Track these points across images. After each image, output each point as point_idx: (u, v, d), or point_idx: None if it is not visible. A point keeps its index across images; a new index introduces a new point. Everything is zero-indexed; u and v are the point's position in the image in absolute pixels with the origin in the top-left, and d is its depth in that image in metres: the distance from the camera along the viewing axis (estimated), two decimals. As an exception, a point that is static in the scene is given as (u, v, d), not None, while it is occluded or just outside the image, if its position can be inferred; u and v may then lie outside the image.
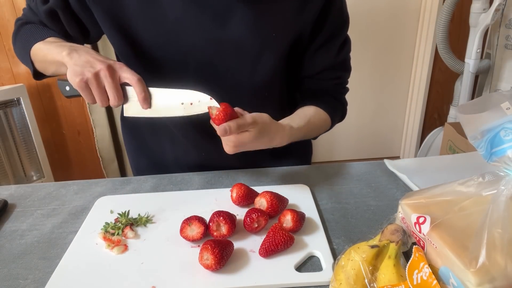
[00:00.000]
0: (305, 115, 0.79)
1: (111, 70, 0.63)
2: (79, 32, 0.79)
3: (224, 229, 0.59)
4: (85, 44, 0.82)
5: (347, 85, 0.90)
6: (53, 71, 0.73)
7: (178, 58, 0.76)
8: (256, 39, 0.74)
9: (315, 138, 0.89)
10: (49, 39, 0.74)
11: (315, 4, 0.75)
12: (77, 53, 0.65)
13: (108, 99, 0.64)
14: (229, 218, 0.60)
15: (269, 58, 0.77)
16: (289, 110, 0.84)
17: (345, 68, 0.87)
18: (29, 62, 0.76)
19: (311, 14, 0.75)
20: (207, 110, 0.64)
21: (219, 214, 0.60)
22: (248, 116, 0.64)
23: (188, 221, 0.60)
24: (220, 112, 0.61)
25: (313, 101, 0.84)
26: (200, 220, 0.60)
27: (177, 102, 0.67)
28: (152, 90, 0.66)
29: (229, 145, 0.64)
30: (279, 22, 0.74)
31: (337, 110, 0.87)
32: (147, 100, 0.65)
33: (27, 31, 0.78)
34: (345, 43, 0.84)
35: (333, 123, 0.87)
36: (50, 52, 0.70)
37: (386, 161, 0.82)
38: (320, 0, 0.75)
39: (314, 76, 0.85)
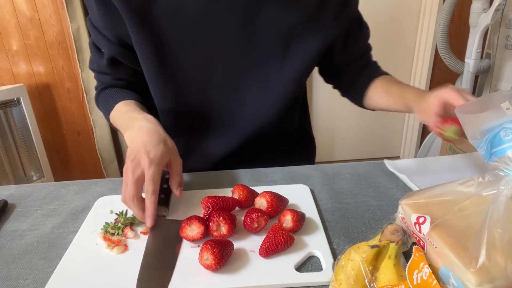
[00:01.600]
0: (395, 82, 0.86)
1: (137, 186, 0.61)
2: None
3: (224, 229, 0.59)
4: None
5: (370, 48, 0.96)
6: None
7: (203, 64, 0.77)
8: (282, 31, 0.75)
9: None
10: (118, 106, 0.78)
11: (333, 1, 0.77)
12: (130, 140, 0.66)
13: None
14: (229, 218, 0.60)
15: (297, 54, 0.77)
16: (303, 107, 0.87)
17: (369, 47, 0.95)
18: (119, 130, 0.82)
19: (331, 12, 0.77)
20: None
21: (219, 214, 0.60)
22: None
23: (188, 221, 0.60)
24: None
25: (371, 74, 0.90)
26: (200, 220, 0.60)
27: None
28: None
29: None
30: (304, 15, 0.75)
31: (379, 68, 0.95)
32: (148, 220, 0.62)
33: (102, 99, 0.84)
34: (362, 27, 0.89)
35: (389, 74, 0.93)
36: (119, 126, 0.76)
37: (386, 162, 0.82)
38: None
39: (349, 64, 0.89)
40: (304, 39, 0.77)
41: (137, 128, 0.67)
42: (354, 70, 0.90)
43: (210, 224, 0.59)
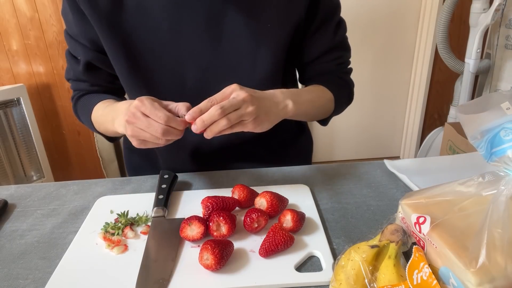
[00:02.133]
0: (303, 88, 0.81)
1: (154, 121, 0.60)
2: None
3: (224, 229, 0.59)
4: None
5: (350, 66, 0.90)
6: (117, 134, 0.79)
7: (176, 67, 0.77)
8: (251, 33, 0.75)
9: (324, 121, 0.89)
10: (96, 107, 0.79)
11: None
12: (121, 123, 0.64)
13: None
14: (229, 218, 0.60)
15: (268, 51, 0.77)
16: None
17: (344, 48, 0.87)
18: (102, 135, 0.85)
19: (302, 1, 0.76)
20: None
21: (219, 214, 0.60)
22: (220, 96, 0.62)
23: (188, 221, 0.60)
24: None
25: (316, 82, 0.85)
26: (200, 220, 0.60)
27: None
28: None
29: (218, 118, 0.59)
30: (271, 13, 0.75)
31: (341, 88, 0.87)
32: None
33: (80, 107, 0.84)
34: (340, 24, 0.84)
35: (338, 101, 0.85)
36: (104, 123, 0.76)
37: (386, 162, 0.82)
38: None
39: (314, 61, 0.85)
40: (274, 37, 0.77)
41: (121, 111, 0.65)
42: (320, 66, 0.86)
43: (210, 224, 0.59)
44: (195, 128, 0.59)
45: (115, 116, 0.69)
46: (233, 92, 0.62)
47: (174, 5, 0.72)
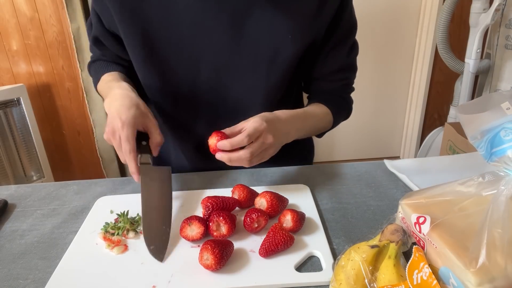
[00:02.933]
0: (302, 109, 0.82)
1: (114, 135, 0.66)
2: (126, 53, 0.83)
3: (224, 229, 0.59)
4: None
5: (353, 85, 0.93)
6: None
7: (192, 62, 0.77)
8: (272, 39, 0.75)
9: (320, 135, 0.91)
10: (104, 77, 0.82)
11: (331, 8, 0.76)
12: (107, 108, 0.69)
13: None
14: (229, 218, 0.60)
15: (284, 59, 0.77)
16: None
17: (353, 70, 0.89)
18: None
19: (327, 18, 0.77)
20: None
21: (219, 214, 0.60)
22: (238, 132, 0.66)
23: (188, 221, 0.60)
24: (214, 140, 0.65)
25: (319, 100, 0.87)
26: (200, 220, 0.60)
27: None
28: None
29: (244, 161, 0.65)
30: (296, 24, 0.75)
31: (341, 107, 0.90)
32: (134, 176, 0.67)
33: (92, 72, 0.88)
34: (354, 46, 0.86)
35: (336, 119, 0.88)
36: (103, 97, 0.78)
37: (386, 162, 0.82)
38: (335, 4, 0.76)
39: (324, 78, 0.87)
40: (293, 48, 0.76)
41: (111, 95, 0.70)
42: (327, 85, 0.88)
43: (210, 224, 0.59)
44: (219, 156, 0.66)
45: (107, 96, 0.72)
46: (262, 134, 0.66)
47: (200, 5, 0.72)
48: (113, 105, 0.67)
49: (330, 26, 0.78)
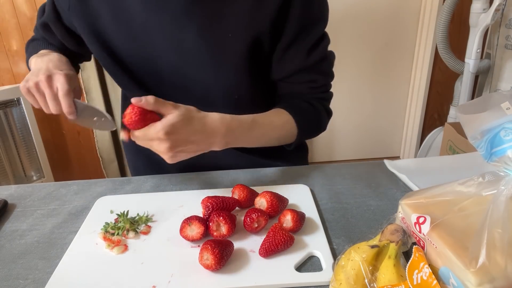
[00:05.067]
0: (251, 115, 0.72)
1: (49, 81, 0.67)
2: (75, 44, 0.84)
3: (224, 229, 0.59)
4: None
5: (328, 91, 0.83)
6: None
7: (150, 65, 0.78)
8: (212, 40, 0.73)
9: (288, 146, 0.82)
10: (42, 51, 0.81)
11: (270, 2, 0.70)
12: (37, 62, 0.73)
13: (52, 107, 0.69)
14: (229, 218, 0.60)
15: (229, 59, 0.75)
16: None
17: (319, 71, 0.79)
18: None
19: (268, 12, 0.71)
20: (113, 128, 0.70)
21: (219, 214, 0.60)
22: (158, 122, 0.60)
23: (188, 221, 0.60)
24: (130, 115, 0.58)
25: (284, 102, 0.80)
26: (200, 220, 0.60)
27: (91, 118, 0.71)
28: (78, 104, 0.69)
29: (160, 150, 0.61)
30: (233, 22, 0.72)
31: (307, 115, 0.79)
32: (70, 114, 0.68)
33: (30, 48, 0.86)
34: (318, 45, 0.76)
35: (301, 130, 0.78)
36: (34, 62, 0.77)
37: (386, 162, 0.82)
38: None
39: (285, 80, 0.80)
40: (233, 46, 0.74)
41: (47, 56, 0.75)
42: (285, 89, 0.82)
43: (210, 224, 0.59)
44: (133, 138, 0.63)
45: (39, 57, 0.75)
46: (175, 132, 0.60)
47: (142, 3, 0.72)
48: (47, 58, 0.72)
49: (277, 22, 0.72)
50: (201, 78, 0.78)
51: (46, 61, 0.73)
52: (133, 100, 0.58)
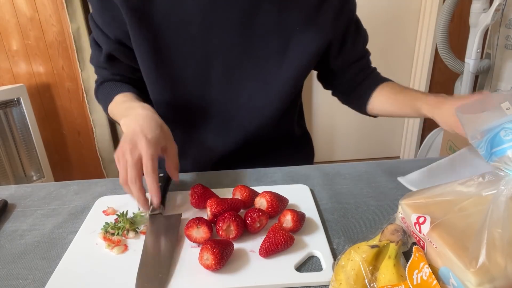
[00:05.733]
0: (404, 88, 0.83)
1: (137, 168, 0.61)
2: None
3: (232, 233, 0.59)
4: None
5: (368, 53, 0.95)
6: None
7: (202, 64, 0.77)
8: (281, 31, 0.76)
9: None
10: (116, 98, 0.79)
11: (331, 4, 0.77)
12: (126, 126, 0.66)
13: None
14: (241, 225, 0.59)
15: (294, 54, 0.78)
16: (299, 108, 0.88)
17: (366, 56, 0.92)
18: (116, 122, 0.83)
19: (331, 9, 0.77)
20: None
21: (234, 218, 0.58)
22: None
23: (198, 223, 0.59)
24: None
25: (373, 82, 0.89)
26: (208, 226, 0.59)
27: None
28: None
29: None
30: (302, 16, 0.75)
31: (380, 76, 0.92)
32: (154, 198, 0.64)
33: (101, 93, 0.85)
34: (359, 27, 0.88)
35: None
36: (116, 116, 0.76)
37: (400, 179, 0.77)
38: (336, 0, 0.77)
39: (352, 65, 0.88)
40: (302, 40, 0.77)
41: (134, 115, 0.68)
42: (351, 76, 0.89)
43: (221, 223, 0.58)
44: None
45: (126, 116, 0.70)
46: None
47: (208, 1, 0.72)
48: (137, 124, 0.64)
49: (338, 20, 0.79)
50: (261, 71, 0.79)
51: (136, 124, 0.65)
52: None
